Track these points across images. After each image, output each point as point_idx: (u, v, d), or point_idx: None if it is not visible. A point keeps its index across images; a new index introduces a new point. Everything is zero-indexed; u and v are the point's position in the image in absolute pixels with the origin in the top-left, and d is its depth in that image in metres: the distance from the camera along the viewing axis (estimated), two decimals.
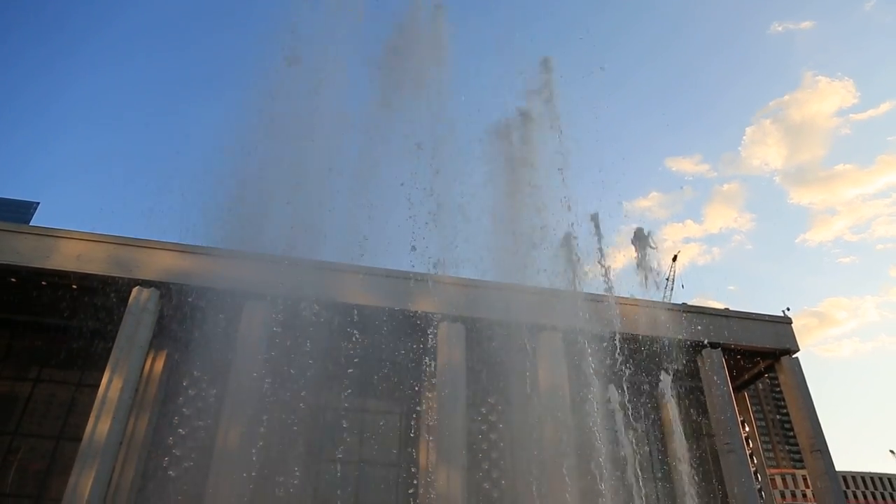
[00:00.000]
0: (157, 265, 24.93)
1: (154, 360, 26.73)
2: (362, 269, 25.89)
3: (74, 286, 24.82)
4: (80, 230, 25.55)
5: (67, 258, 24.51)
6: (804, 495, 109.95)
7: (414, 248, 21.78)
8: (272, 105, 25.32)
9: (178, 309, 25.99)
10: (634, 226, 24.69)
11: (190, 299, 24.20)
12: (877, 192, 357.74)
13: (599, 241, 23.55)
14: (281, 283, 23.72)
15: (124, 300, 24.17)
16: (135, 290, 24.31)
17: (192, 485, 23.12)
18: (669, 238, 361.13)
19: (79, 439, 22.31)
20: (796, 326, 31.18)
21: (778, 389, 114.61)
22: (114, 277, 24.46)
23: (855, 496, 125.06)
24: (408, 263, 24.15)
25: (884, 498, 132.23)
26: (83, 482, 20.93)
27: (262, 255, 25.28)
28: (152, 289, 24.45)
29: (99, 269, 24.52)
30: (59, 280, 24.60)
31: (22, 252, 24.40)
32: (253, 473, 23.33)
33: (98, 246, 25.10)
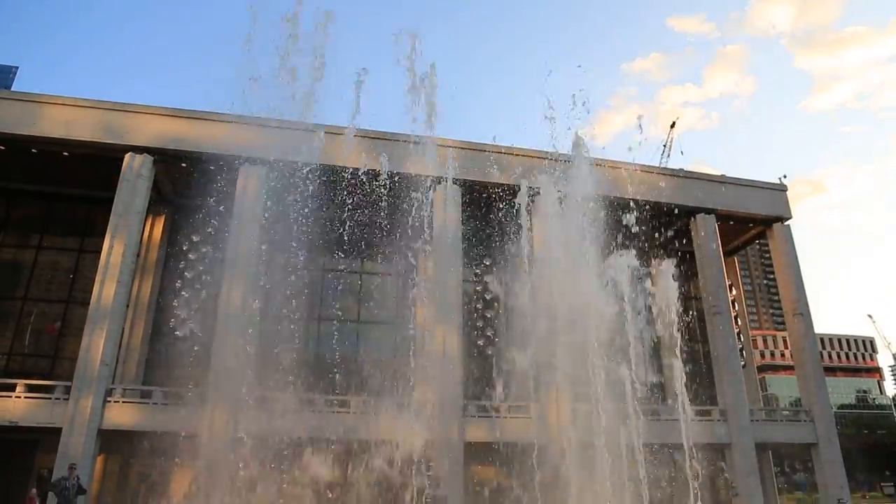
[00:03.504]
0: (149, 130, 24.44)
1: (153, 225, 27.07)
2: (357, 131, 25.51)
3: (65, 153, 24.49)
4: (66, 95, 24.84)
5: (55, 125, 23.95)
6: (783, 355, 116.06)
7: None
8: None
9: (172, 174, 25.90)
10: (633, 88, 23.83)
11: (184, 164, 24.00)
12: (888, 57, 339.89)
13: None
14: (276, 146, 23.43)
15: (118, 167, 23.97)
16: (127, 156, 24.02)
17: (199, 344, 24.18)
18: (668, 102, 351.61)
19: (87, 303, 23.04)
20: (790, 194, 31.37)
21: (767, 255, 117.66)
22: (105, 144, 24.05)
23: (830, 356, 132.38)
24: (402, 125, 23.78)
25: (855, 358, 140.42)
26: (95, 342, 21.84)
27: (256, 118, 24.79)
28: (145, 155, 24.16)
29: (88, 136, 24.03)
30: (49, 147, 24.20)
31: (6, 119, 23.78)
32: (255, 333, 24.34)
33: (86, 111, 24.47)
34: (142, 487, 23.83)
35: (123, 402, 22.10)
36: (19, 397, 21.48)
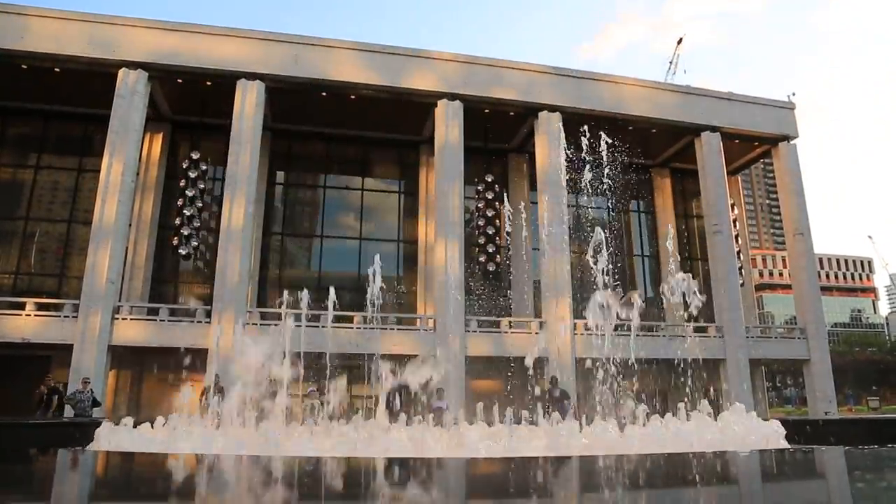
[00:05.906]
0: (142, 45, 23.63)
1: (151, 143, 26.69)
2: (357, 44, 24.69)
3: (57, 69, 23.83)
4: (53, 7, 23.87)
5: (43, 39, 23.12)
6: (781, 274, 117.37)
7: None
8: None
9: (169, 90, 25.32)
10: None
11: (180, 80, 23.42)
12: None
13: None
14: (273, 60, 22.80)
15: (113, 83, 23.37)
16: (121, 71, 23.34)
17: (202, 261, 24.38)
18: (675, 14, 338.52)
19: (89, 223, 23.03)
20: (797, 112, 30.70)
21: (770, 174, 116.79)
22: (97, 59, 23.33)
23: (828, 276, 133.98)
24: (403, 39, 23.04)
25: (852, 278, 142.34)
26: (100, 261, 21.96)
27: (253, 31, 24.01)
28: (140, 70, 23.49)
29: (79, 51, 23.21)
30: (40, 63, 23.46)
31: None
32: (257, 249, 24.48)
33: (76, 25, 23.62)
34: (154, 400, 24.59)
35: (131, 318, 22.48)
36: (29, 315, 21.82)
